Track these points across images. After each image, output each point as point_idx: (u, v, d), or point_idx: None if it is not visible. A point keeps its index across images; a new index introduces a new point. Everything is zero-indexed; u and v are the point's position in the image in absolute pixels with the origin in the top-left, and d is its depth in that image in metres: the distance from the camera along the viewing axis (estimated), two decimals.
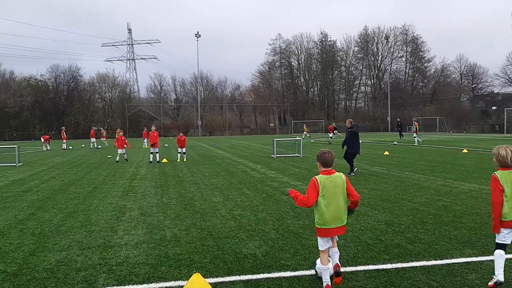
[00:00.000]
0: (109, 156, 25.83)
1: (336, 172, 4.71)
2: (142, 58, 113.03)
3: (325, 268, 4.60)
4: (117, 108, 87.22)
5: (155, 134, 21.67)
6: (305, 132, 56.15)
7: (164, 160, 21.58)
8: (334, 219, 4.57)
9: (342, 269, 5.07)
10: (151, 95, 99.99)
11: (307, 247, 6.27)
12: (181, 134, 22.51)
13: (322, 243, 4.64)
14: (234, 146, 36.44)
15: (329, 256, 4.76)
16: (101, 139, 44.38)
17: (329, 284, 4.56)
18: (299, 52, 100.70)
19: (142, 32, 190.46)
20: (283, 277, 5.11)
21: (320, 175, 4.65)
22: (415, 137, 34.46)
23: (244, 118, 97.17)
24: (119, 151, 22.30)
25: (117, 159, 21.91)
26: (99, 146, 37.75)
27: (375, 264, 5.50)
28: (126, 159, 22.34)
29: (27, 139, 68.22)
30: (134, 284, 4.94)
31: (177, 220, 8.20)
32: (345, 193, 4.63)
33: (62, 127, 42.73)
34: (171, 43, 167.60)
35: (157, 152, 21.47)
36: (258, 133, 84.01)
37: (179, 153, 21.96)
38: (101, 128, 59.60)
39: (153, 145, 21.41)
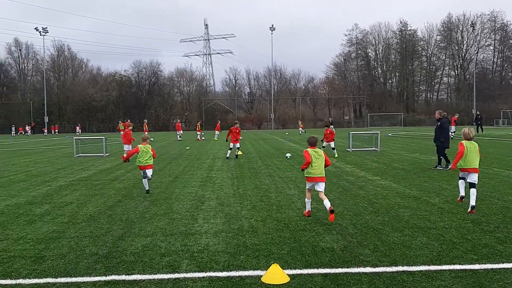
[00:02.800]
0: (187, 148, 26.82)
1: (317, 148, 7.75)
2: (217, 53, 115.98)
3: (308, 200, 7.82)
4: (194, 102, 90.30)
5: (237, 131, 20.03)
6: (300, 128, 51.90)
7: (240, 153, 21.99)
8: (319, 173, 7.48)
9: (425, 267, 5.04)
10: (226, 88, 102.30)
11: (387, 243, 6.07)
12: (236, 124, 19.81)
13: (308, 185, 7.66)
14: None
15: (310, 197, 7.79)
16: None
17: (309, 210, 7.82)
18: (377, 42, 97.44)
19: (218, 27, 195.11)
20: (362, 272, 4.99)
21: (309, 149, 7.69)
22: None
23: (318, 111, 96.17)
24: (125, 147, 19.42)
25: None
26: (180, 139, 39.39)
27: (462, 264, 5.19)
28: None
29: (112, 131, 72.82)
30: (215, 271, 5.09)
31: (254, 211, 8.32)
32: (323, 160, 7.57)
33: (144, 120, 45.08)
34: (246, 37, 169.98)
35: (238, 148, 20.14)
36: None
37: (230, 149, 19.59)
38: (180, 121, 61.92)
39: (235, 141, 19.69)
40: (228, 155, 19.55)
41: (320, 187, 7.46)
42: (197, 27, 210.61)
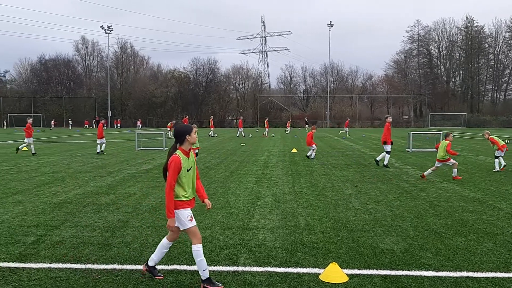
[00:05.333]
0: (242, 144, 27.14)
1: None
2: (274, 50, 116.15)
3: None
4: (249, 99, 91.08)
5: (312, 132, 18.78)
6: (287, 127, 49.18)
7: (294, 150, 21.94)
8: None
9: (492, 274, 4.82)
10: (281, 86, 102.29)
11: (450, 248, 5.84)
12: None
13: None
14: (365, 138, 35.45)
15: None
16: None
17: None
18: (440, 39, 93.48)
19: (274, 24, 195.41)
20: (424, 276, 4.84)
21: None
22: None
23: (375, 109, 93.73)
24: (98, 141, 20.29)
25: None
26: (238, 135, 39.96)
27: None
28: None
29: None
30: (272, 267, 5.13)
31: (310, 209, 8.29)
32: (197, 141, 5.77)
33: (211, 116, 46.02)
34: (303, 34, 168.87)
35: (313, 150, 18.15)
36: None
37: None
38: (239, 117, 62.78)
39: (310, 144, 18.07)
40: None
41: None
42: (254, 25, 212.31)
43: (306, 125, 57.61)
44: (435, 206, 8.54)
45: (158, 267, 5.11)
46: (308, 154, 18.33)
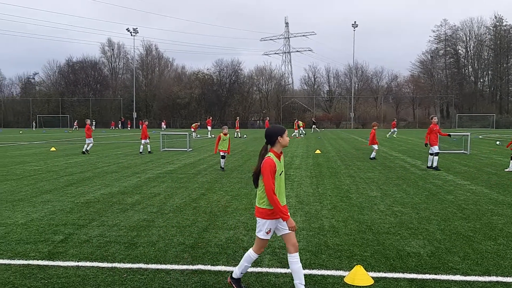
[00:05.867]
0: None
1: None
2: (297, 51, 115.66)
3: None
4: (272, 100, 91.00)
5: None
6: (192, 129, 41.57)
7: (317, 151, 21.82)
8: None
9: None
10: (305, 86, 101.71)
11: (479, 252, 5.70)
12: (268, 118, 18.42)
13: None
14: (390, 139, 34.96)
15: None
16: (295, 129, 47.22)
17: None
18: (468, 38, 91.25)
19: (298, 25, 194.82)
20: (452, 280, 4.74)
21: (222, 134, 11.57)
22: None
23: (401, 110, 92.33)
24: (142, 141, 21.36)
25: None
26: (236, 136, 39.96)
27: None
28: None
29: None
30: None
31: (334, 211, 8.22)
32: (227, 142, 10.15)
33: (237, 117, 45.97)
34: (326, 34, 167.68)
35: (375, 150, 17.99)
36: (416, 127, 79.09)
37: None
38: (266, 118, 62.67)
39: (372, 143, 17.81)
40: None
41: None
42: (277, 26, 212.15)
43: (314, 126, 55.39)
44: (463, 209, 8.35)
45: (182, 266, 5.16)
46: (371, 156, 18.04)
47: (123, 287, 4.62)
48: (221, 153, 14.50)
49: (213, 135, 40.22)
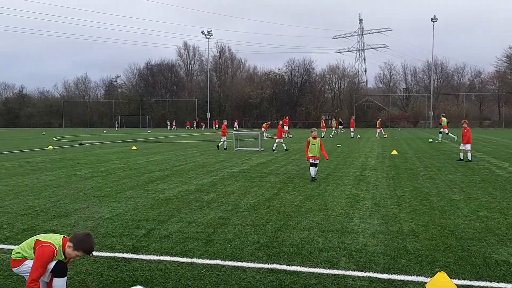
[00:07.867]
0: (338, 145, 26.69)
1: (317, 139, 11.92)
2: (372, 48, 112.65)
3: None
4: (345, 99, 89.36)
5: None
6: (263, 129, 39.17)
7: (394, 152, 21.05)
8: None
9: None
10: (380, 84, 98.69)
11: None
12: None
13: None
14: (473, 139, 32.81)
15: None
16: (333, 128, 46.38)
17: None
18: None
19: (373, 21, 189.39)
20: None
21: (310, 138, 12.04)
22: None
23: (485, 108, 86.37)
24: (222, 138, 24.61)
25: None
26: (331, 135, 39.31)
27: None
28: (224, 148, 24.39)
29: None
30: (374, 272, 4.97)
31: (414, 214, 7.88)
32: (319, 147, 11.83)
33: (322, 117, 42.91)
34: (403, 30, 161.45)
35: (468, 150, 16.81)
36: (502, 126, 73.62)
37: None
38: (333, 119, 61.67)
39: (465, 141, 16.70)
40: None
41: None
42: (351, 23, 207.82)
43: (340, 126, 50.26)
44: None
45: (258, 265, 5.22)
46: (469, 158, 16.91)
47: (202, 283, 4.77)
48: (311, 160, 12.20)
49: (269, 135, 39.93)
